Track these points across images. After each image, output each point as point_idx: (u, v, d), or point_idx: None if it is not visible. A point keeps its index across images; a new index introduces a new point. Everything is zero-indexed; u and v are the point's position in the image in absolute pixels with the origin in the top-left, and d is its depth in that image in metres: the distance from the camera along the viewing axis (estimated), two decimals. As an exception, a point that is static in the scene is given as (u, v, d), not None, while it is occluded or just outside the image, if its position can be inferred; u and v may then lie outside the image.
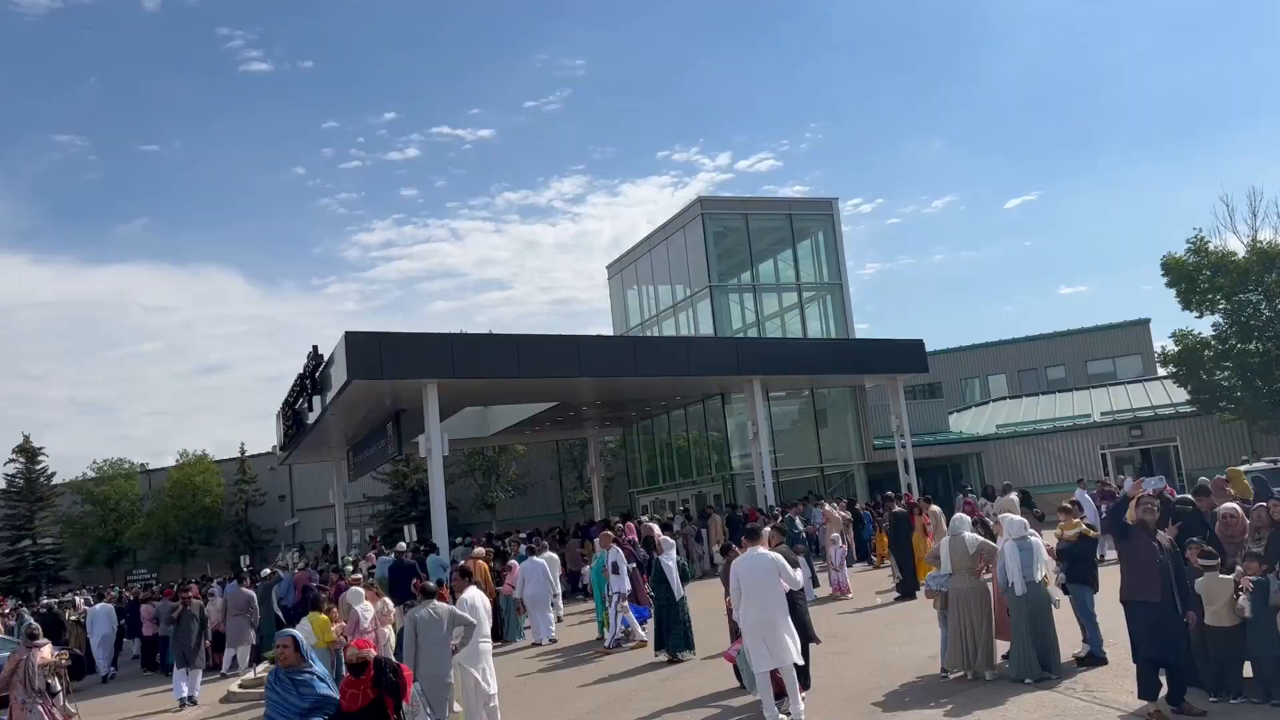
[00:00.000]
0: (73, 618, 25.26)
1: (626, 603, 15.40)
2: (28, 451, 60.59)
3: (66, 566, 59.43)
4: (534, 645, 16.71)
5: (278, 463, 49.71)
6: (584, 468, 49.64)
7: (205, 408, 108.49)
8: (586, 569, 21.92)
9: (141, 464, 65.45)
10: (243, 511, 60.40)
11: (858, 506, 26.36)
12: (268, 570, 23.90)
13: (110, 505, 60.28)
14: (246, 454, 62.61)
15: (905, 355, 32.32)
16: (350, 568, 19.46)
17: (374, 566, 22.14)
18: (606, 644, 15.32)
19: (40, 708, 10.84)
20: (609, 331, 42.65)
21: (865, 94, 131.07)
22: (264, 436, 70.39)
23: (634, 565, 16.78)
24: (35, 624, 12.52)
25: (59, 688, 11.26)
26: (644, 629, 15.29)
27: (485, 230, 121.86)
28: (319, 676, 7.25)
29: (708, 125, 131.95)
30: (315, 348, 25.28)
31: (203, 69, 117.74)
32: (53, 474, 61.56)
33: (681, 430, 37.44)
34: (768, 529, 11.16)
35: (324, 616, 12.92)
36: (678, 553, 15.63)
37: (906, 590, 17.04)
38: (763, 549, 9.65)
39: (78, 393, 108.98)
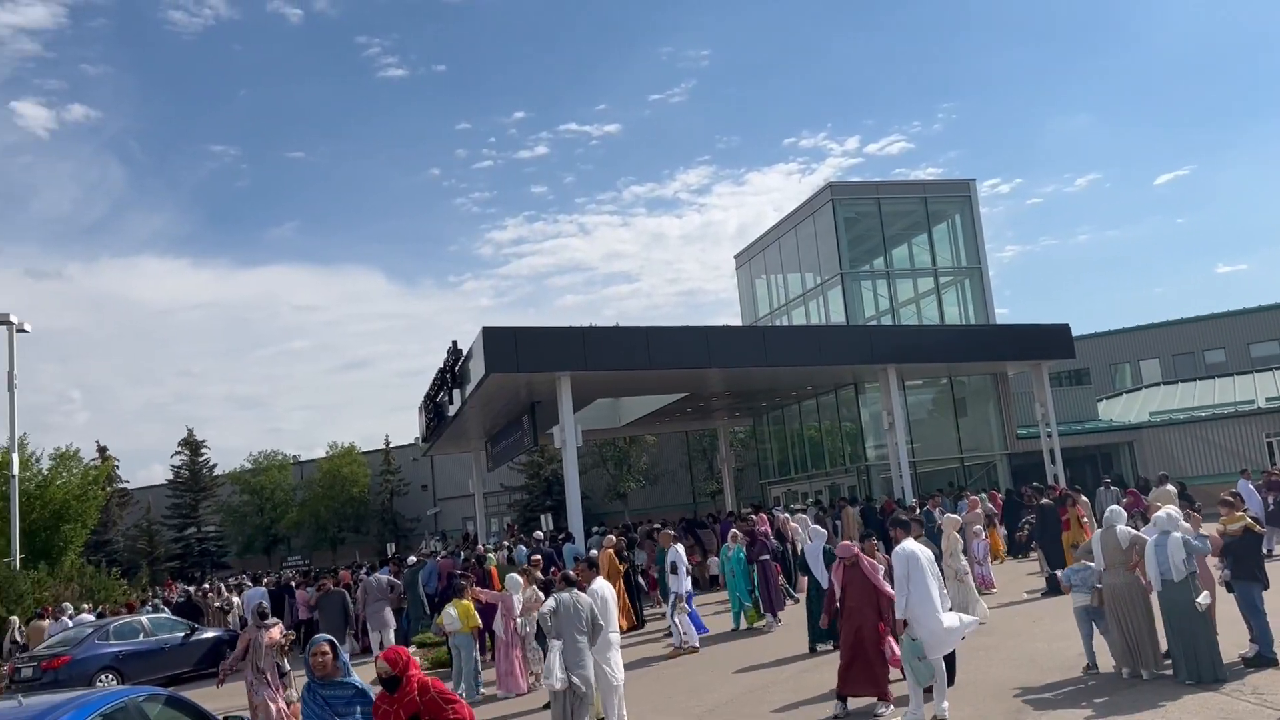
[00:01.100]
0: (215, 604, 26.76)
1: (685, 605, 15.21)
2: (192, 445, 64.63)
3: (228, 553, 63.13)
4: (667, 635, 16.78)
5: (420, 454, 51.51)
6: (714, 458, 49.57)
7: (351, 402, 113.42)
8: (713, 560, 21.95)
9: (294, 456, 68.87)
10: (388, 501, 62.82)
11: (1014, 498, 25.35)
12: (413, 557, 24.77)
13: (266, 495, 63.63)
14: (391, 446, 65.04)
15: (1050, 340, 30.97)
16: (491, 557, 19.94)
17: (512, 554, 22.67)
18: (676, 645, 15.10)
19: (268, 688, 10.64)
20: (737, 322, 42.41)
21: (1003, 69, 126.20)
22: (407, 429, 73.08)
23: (767, 557, 16.66)
24: (266, 604, 12.35)
25: (288, 667, 11.06)
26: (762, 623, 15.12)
27: (612, 224, 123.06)
28: (357, 691, 6.22)
29: (835, 110, 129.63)
30: (455, 343, 26.03)
31: (343, 77, 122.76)
32: (214, 466, 65.52)
33: (813, 420, 36.92)
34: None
35: (467, 603, 13.30)
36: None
37: (1055, 585, 16.37)
38: (914, 540, 9.47)
39: (234, 389, 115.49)
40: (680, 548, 16.05)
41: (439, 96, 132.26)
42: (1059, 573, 11.62)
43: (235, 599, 26.35)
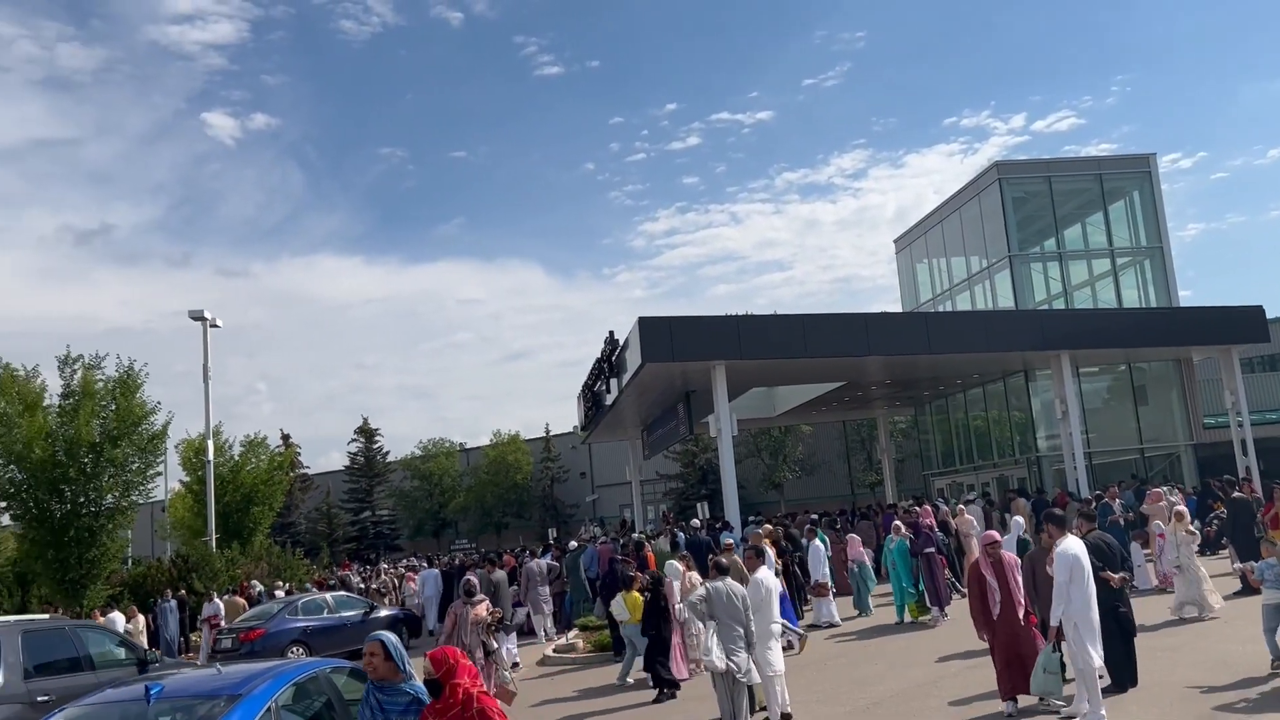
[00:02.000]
0: (373, 585, 28.08)
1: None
2: (366, 433, 68.11)
3: (400, 536, 66.23)
4: (829, 626, 16.56)
5: (579, 442, 52.57)
6: (873, 449, 48.55)
7: (513, 391, 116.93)
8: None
9: (460, 443, 71.56)
10: (549, 487, 64.45)
11: (1205, 491, 23.71)
12: (574, 542, 25.35)
13: (435, 481, 66.37)
14: (551, 434, 66.67)
15: (1240, 323, 28.78)
16: (647, 541, 20.18)
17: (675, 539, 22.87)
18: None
19: (474, 662, 10.44)
20: (896, 308, 41.36)
21: (1184, 35, 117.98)
22: (566, 417, 74.73)
23: (932, 550, 16.20)
24: (473, 580, 12.09)
25: (495, 645, 10.66)
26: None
27: (764, 212, 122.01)
28: (413, 698, 5.49)
29: (999, 87, 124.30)
30: (611, 333, 26.42)
31: (502, 77, 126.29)
32: (387, 453, 68.84)
33: (979, 409, 35.60)
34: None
35: (635, 595, 13.52)
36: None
37: (1249, 584, 15.24)
38: (1074, 537, 9.01)
39: (404, 380, 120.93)
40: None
41: (593, 92, 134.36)
42: (1250, 565, 10.81)
43: (394, 581, 27.76)
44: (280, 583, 26.84)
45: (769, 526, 19.96)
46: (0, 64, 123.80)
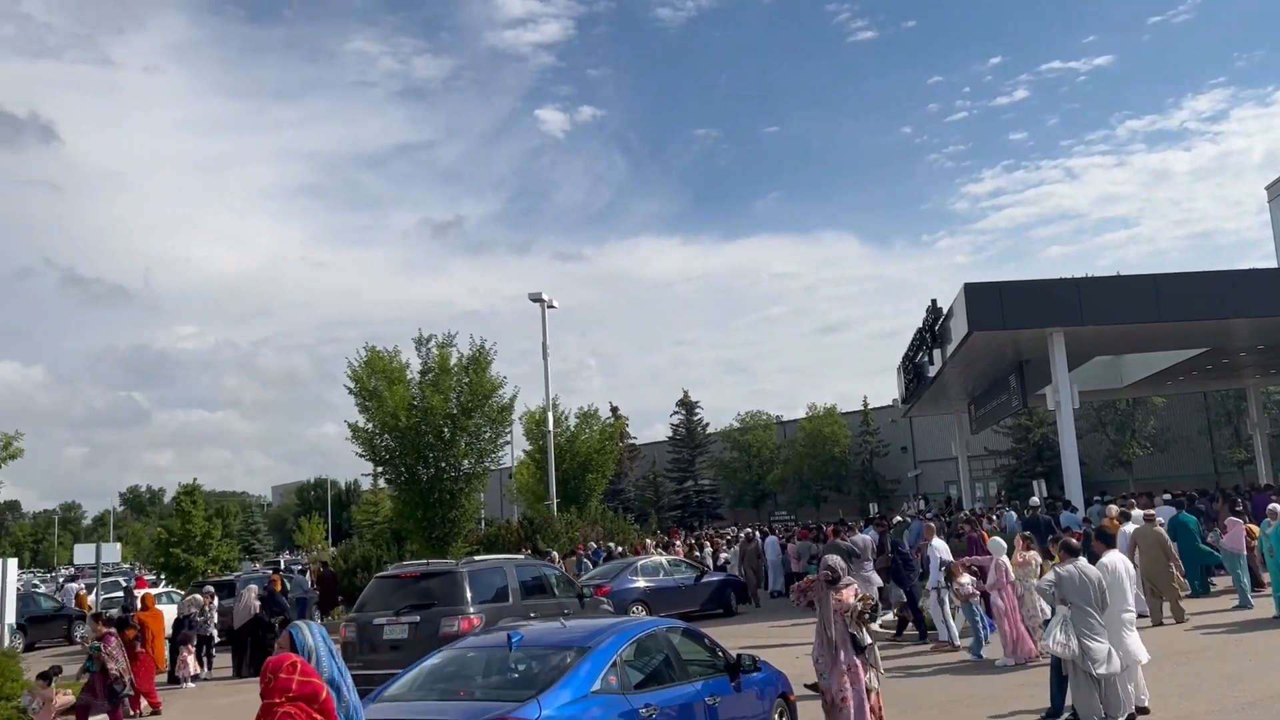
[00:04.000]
0: (695, 553, 28.63)
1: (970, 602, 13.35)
2: (687, 405, 70.52)
3: (721, 505, 68.08)
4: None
5: (899, 415, 51.23)
6: (1241, 423, 43.24)
7: (828, 364, 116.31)
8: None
9: (777, 416, 72.09)
10: (868, 461, 63.41)
11: None
12: (899, 517, 24.80)
13: (753, 452, 67.42)
14: (869, 407, 65.50)
15: None
16: (987, 523, 19.32)
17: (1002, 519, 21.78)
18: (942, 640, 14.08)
19: (839, 666, 8.11)
20: (1270, 264, 36.39)
21: None
22: (885, 390, 73.13)
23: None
24: (836, 559, 8.92)
25: (868, 640, 8.30)
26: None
27: (1105, 165, 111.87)
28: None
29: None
30: (934, 301, 25.45)
31: (813, 49, 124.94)
32: (707, 424, 70.87)
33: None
34: None
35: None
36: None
37: None
38: None
39: (721, 354, 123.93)
40: (941, 542, 15.24)
41: (909, 53, 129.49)
42: None
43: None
44: (614, 545, 28.44)
45: (1114, 508, 18.38)
46: (366, 80, 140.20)
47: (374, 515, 56.87)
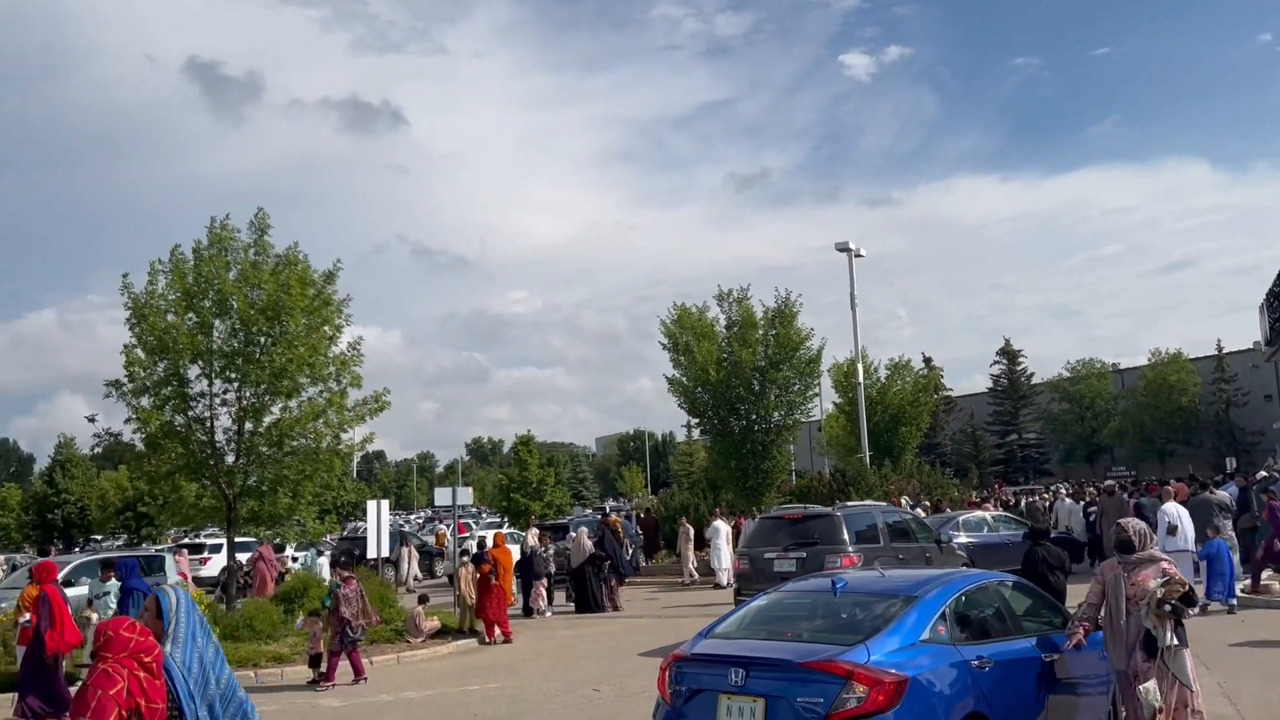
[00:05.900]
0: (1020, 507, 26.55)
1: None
2: (1009, 354, 66.63)
3: (1049, 460, 63.97)
4: None
5: (1262, 359, 45.49)
6: None
7: (1173, 305, 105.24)
8: None
9: (1113, 364, 66.49)
10: (1222, 411, 57.09)
11: None
12: (1263, 473, 22.09)
13: (1085, 404, 62.71)
14: (1224, 351, 58.80)
15: None
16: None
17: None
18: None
19: (1130, 662, 6.52)
20: None
21: None
22: (1242, 332, 65.17)
23: None
24: (1134, 528, 6.95)
25: (1171, 640, 6.33)
26: None
27: None
28: None
29: None
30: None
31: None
32: (1031, 374, 66.71)
33: None
34: None
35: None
36: None
37: None
38: None
39: (1046, 298, 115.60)
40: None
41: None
42: None
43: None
44: (924, 499, 27.57)
45: None
46: (672, 43, 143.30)
47: (689, 465, 59.00)
